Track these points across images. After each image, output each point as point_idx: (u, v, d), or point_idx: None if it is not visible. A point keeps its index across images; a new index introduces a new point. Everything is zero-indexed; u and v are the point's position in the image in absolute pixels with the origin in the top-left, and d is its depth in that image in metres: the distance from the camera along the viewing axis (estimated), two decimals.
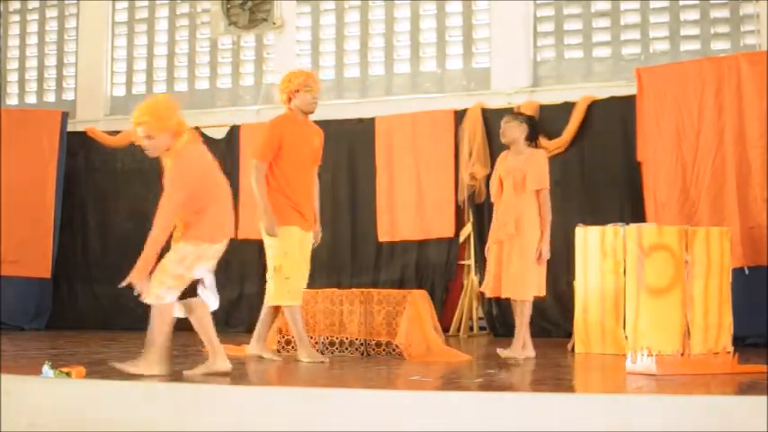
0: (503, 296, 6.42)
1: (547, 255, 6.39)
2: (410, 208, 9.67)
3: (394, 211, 9.78)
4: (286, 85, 6.37)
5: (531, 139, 6.59)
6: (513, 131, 6.53)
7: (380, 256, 9.87)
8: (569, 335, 7.57)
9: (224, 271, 10.20)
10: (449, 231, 9.55)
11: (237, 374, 5.26)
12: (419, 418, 3.96)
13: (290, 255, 6.18)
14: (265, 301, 6.43)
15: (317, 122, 10.50)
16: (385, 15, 10.43)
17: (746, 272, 7.67)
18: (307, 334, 6.37)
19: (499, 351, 6.29)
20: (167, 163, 5.07)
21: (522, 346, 6.27)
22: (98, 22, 11.38)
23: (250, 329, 7.08)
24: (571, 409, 3.90)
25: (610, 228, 7.16)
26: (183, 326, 10.18)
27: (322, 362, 6.04)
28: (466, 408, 4.02)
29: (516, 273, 6.27)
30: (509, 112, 9.32)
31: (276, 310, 6.48)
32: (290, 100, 6.37)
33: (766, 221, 7.78)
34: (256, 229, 10.01)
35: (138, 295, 4.96)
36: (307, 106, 6.40)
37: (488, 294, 6.63)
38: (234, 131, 10.33)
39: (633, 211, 8.37)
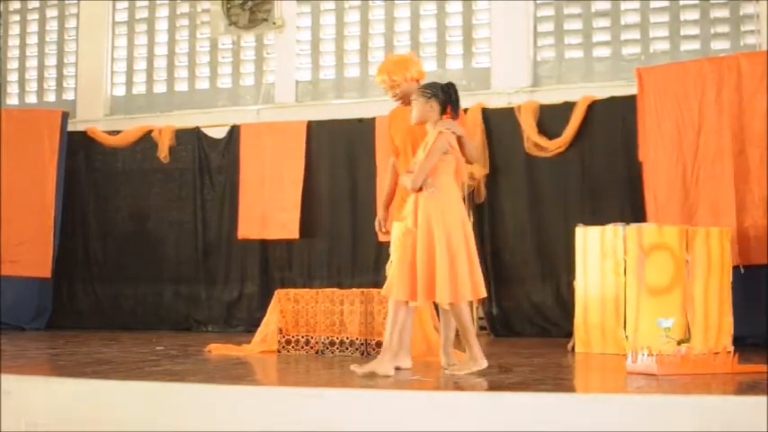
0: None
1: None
2: None
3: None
4: (403, 73, 5.64)
5: (453, 110, 5.27)
6: (419, 111, 5.29)
7: (380, 256, 9.83)
8: (569, 335, 7.56)
9: (224, 271, 10.29)
10: None
11: (237, 374, 5.26)
12: (419, 418, 3.96)
13: (395, 250, 5.78)
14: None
15: (317, 123, 10.46)
16: (385, 15, 10.43)
17: (742, 271, 7.66)
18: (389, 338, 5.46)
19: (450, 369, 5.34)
20: None
21: (472, 356, 5.26)
22: (98, 22, 11.38)
23: (250, 329, 7.08)
24: (571, 409, 3.90)
25: (610, 227, 7.14)
26: (182, 326, 10.22)
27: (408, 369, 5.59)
28: (466, 408, 4.02)
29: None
30: (509, 111, 9.37)
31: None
32: (397, 87, 5.68)
33: (766, 220, 7.78)
34: (256, 229, 10.14)
35: None
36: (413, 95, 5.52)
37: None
38: (234, 131, 10.32)
39: (633, 211, 8.36)
